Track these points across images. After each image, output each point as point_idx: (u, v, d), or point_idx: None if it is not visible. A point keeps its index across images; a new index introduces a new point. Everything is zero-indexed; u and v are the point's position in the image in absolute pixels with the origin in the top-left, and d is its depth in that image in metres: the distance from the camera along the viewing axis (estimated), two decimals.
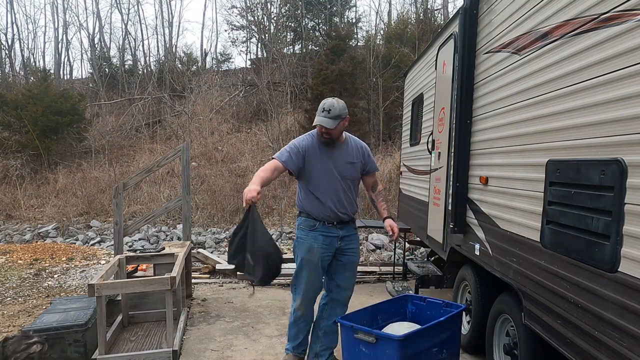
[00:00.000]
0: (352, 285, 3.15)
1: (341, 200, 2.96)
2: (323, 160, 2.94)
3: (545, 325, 2.25)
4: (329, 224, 2.97)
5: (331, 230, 2.98)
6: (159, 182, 11.64)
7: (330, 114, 2.80)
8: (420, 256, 7.10)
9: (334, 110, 2.81)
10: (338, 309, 3.10)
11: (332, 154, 2.96)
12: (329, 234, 2.97)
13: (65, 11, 27.98)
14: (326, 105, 2.83)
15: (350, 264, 3.09)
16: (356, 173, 3.06)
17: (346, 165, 2.99)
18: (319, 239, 2.95)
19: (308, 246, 2.96)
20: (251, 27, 19.01)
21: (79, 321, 3.39)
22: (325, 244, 2.96)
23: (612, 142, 1.79)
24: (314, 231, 2.96)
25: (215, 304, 4.79)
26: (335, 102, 2.86)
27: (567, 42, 2.10)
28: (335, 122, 2.82)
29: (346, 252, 3.04)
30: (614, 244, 1.73)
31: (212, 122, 14.90)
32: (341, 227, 2.99)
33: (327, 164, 2.94)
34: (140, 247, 8.42)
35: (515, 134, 2.63)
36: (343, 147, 3.01)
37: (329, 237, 2.97)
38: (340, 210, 2.96)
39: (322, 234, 2.96)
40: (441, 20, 15.77)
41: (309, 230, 2.98)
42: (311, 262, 2.96)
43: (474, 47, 3.31)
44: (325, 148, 2.95)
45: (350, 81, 13.37)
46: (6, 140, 13.48)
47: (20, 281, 5.68)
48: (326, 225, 2.96)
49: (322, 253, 2.96)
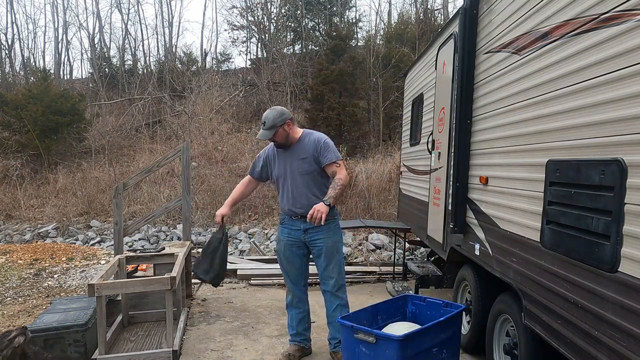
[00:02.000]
0: (333, 273, 3.19)
1: (295, 197, 3.17)
2: (279, 162, 3.25)
3: (545, 325, 2.25)
4: (295, 218, 3.21)
5: (295, 223, 3.21)
6: (159, 182, 11.64)
7: (266, 126, 3.08)
8: (420, 256, 7.10)
9: (268, 122, 3.07)
10: (330, 298, 3.25)
11: (286, 155, 3.21)
12: (292, 227, 3.23)
13: (65, 11, 28.02)
14: (263, 118, 3.12)
15: (322, 253, 3.18)
16: (309, 167, 3.14)
17: (298, 162, 3.16)
18: (284, 231, 3.28)
19: (278, 237, 3.34)
20: (251, 27, 19.02)
21: (79, 321, 3.39)
22: (290, 236, 3.24)
23: (612, 142, 1.78)
24: (282, 225, 3.31)
25: (215, 304, 4.79)
26: (270, 113, 3.11)
27: (567, 42, 2.10)
28: (271, 132, 3.08)
29: (314, 242, 3.19)
30: (614, 244, 1.73)
31: (212, 122, 14.89)
32: (304, 221, 3.07)
33: (282, 165, 3.22)
34: (140, 247, 8.42)
35: (515, 134, 2.63)
36: (297, 145, 3.19)
37: (293, 230, 3.23)
38: (296, 205, 3.16)
39: (287, 227, 3.26)
40: (441, 20, 15.77)
41: (280, 224, 3.34)
42: (279, 251, 3.34)
43: (474, 47, 3.31)
44: (280, 151, 3.24)
45: (350, 81, 13.37)
46: (6, 140, 13.48)
47: (20, 281, 5.68)
48: (292, 219, 3.23)
49: (287, 244, 3.26)
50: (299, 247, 3.25)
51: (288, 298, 3.41)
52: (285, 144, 3.16)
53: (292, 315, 3.41)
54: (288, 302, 3.42)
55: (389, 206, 9.45)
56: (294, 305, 3.39)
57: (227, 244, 3.46)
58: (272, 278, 5.65)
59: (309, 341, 3.47)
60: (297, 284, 3.35)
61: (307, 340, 3.46)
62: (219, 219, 3.24)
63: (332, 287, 3.22)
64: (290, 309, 3.42)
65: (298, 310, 3.39)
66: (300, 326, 3.41)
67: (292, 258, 3.28)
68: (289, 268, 3.32)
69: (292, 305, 3.40)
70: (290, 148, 3.19)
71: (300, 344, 3.41)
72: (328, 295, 3.26)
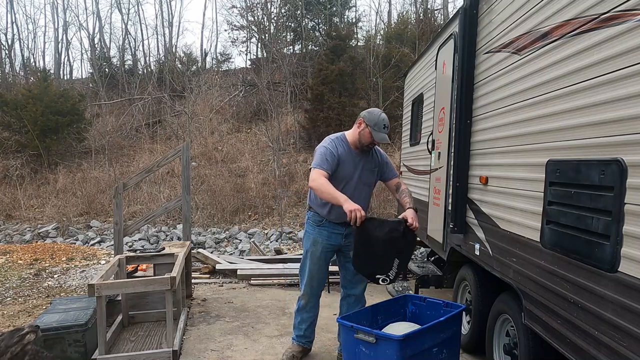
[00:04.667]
0: (363, 278, 3.20)
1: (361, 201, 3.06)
2: (351, 166, 3.03)
3: (545, 325, 2.25)
4: (336, 222, 3.08)
5: (337, 227, 3.11)
6: (159, 182, 11.64)
7: (387, 129, 2.96)
8: (420, 256, 7.10)
9: (388, 125, 2.98)
10: (354, 302, 3.24)
11: (360, 161, 3.07)
12: (333, 230, 3.11)
13: (65, 11, 28.00)
14: (385, 121, 2.95)
15: None
16: (373, 179, 3.17)
17: (367, 172, 3.10)
18: (323, 233, 3.11)
19: (313, 239, 3.14)
20: (251, 27, 19.01)
21: (79, 321, 3.39)
22: (329, 240, 3.12)
23: (612, 142, 1.78)
24: (320, 227, 3.13)
25: (215, 304, 4.79)
26: (385, 115, 3.01)
27: (567, 42, 2.10)
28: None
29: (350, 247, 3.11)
30: (614, 244, 1.73)
31: (212, 122, 14.90)
32: (347, 226, 3.02)
33: (352, 169, 3.03)
34: (140, 247, 8.43)
35: (515, 134, 2.63)
36: (369, 154, 3.12)
37: (334, 234, 3.12)
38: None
39: (327, 230, 3.11)
40: (441, 20, 15.78)
41: (315, 225, 3.14)
42: (314, 254, 3.15)
43: (473, 47, 3.31)
44: (358, 156, 3.06)
45: (350, 81, 13.38)
46: (6, 140, 13.49)
47: (20, 281, 5.68)
48: (333, 223, 3.10)
49: (325, 247, 3.13)
50: (332, 252, 3.20)
51: (300, 302, 3.29)
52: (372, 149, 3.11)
53: (303, 319, 3.31)
54: (300, 306, 3.30)
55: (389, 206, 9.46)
56: (307, 309, 3.29)
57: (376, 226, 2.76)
58: (272, 278, 5.65)
59: (311, 342, 3.46)
60: (319, 288, 3.27)
61: (311, 342, 3.44)
62: (362, 214, 2.66)
63: (361, 292, 3.23)
64: (302, 312, 3.31)
65: (310, 314, 3.31)
66: (309, 329, 3.35)
67: (325, 263, 3.20)
68: (317, 272, 3.20)
69: (304, 310, 3.29)
70: (365, 155, 3.09)
71: (305, 345, 3.38)
72: (352, 299, 3.24)
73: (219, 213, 10.29)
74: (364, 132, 2.98)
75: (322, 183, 2.80)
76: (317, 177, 2.84)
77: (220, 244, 8.82)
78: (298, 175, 11.75)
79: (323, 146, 3.01)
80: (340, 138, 3.08)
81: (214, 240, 8.84)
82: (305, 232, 3.25)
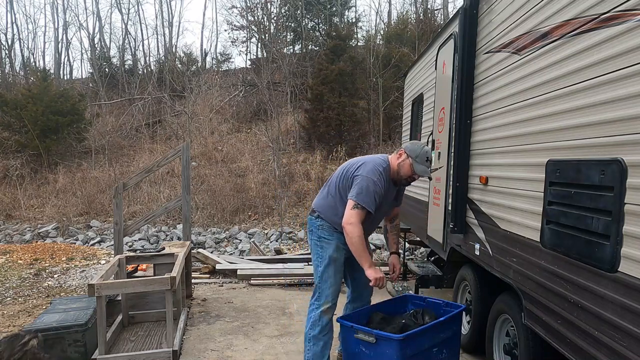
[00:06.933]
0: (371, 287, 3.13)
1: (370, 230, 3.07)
2: (385, 200, 2.90)
3: (545, 325, 2.25)
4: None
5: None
6: (159, 182, 11.64)
7: (430, 163, 2.85)
8: (420, 256, 7.10)
9: (431, 159, 2.87)
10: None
11: (392, 193, 2.99)
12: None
13: (65, 11, 28.00)
14: (429, 153, 2.83)
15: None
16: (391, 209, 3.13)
17: (390, 202, 3.03)
18: (341, 238, 2.89)
19: (335, 244, 2.92)
20: (251, 27, 19.01)
21: (79, 321, 3.39)
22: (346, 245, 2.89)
23: (612, 142, 1.78)
24: (337, 232, 2.93)
25: (215, 304, 4.79)
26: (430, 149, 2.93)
27: (567, 42, 2.10)
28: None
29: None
30: (614, 244, 1.73)
31: (212, 122, 14.90)
32: None
33: (384, 202, 2.91)
34: (140, 247, 8.42)
35: (515, 134, 2.63)
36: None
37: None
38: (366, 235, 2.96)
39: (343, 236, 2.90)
40: (441, 20, 15.78)
41: (333, 230, 2.95)
42: (338, 261, 2.95)
43: (473, 47, 3.31)
44: (392, 187, 2.96)
45: (350, 81, 13.38)
46: (6, 140, 13.49)
47: (20, 281, 5.68)
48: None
49: (347, 253, 2.93)
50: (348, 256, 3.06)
51: (323, 320, 2.86)
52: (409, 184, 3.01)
53: (327, 343, 2.90)
54: (323, 325, 2.87)
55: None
56: (330, 327, 2.90)
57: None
58: (272, 278, 5.64)
59: None
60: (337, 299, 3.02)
61: None
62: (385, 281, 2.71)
63: (370, 300, 3.17)
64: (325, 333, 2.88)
65: (331, 333, 2.94)
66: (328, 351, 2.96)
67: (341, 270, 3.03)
68: (340, 278, 2.97)
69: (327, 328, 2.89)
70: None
71: None
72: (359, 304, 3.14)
73: (219, 213, 10.29)
74: (404, 164, 2.83)
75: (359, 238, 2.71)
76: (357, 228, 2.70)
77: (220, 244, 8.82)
78: (298, 175, 11.75)
79: (373, 180, 2.76)
80: (387, 170, 2.87)
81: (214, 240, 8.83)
82: (322, 238, 2.96)
